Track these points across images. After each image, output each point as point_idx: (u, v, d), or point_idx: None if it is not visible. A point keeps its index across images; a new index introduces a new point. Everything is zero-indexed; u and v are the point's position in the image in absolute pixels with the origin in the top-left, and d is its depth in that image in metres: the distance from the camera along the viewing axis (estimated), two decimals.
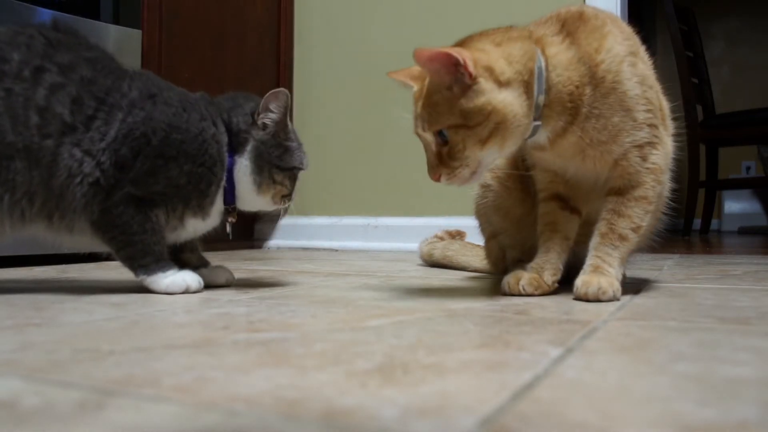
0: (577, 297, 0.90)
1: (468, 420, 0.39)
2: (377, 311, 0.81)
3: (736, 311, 0.81)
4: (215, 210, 1.04)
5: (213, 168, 1.00)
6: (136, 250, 0.96)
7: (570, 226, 1.01)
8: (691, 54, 3.53)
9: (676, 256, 1.90)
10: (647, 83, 0.94)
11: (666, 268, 1.46)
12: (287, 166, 1.04)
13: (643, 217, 0.94)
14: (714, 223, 4.79)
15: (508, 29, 0.93)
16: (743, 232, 4.31)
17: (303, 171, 1.09)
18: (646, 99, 0.92)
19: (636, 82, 0.91)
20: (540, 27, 0.94)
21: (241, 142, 1.02)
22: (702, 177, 3.54)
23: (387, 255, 1.99)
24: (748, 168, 4.96)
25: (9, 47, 0.91)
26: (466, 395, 0.44)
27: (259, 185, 1.03)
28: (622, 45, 0.92)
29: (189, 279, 0.98)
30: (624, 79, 0.91)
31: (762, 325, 0.71)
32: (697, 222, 3.81)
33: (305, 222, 2.38)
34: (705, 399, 0.43)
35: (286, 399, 0.43)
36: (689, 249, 2.31)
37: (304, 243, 2.37)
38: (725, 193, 4.93)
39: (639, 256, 1.49)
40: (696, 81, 3.51)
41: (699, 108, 3.49)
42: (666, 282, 1.15)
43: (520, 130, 0.87)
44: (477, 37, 0.92)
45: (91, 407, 0.41)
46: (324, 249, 2.28)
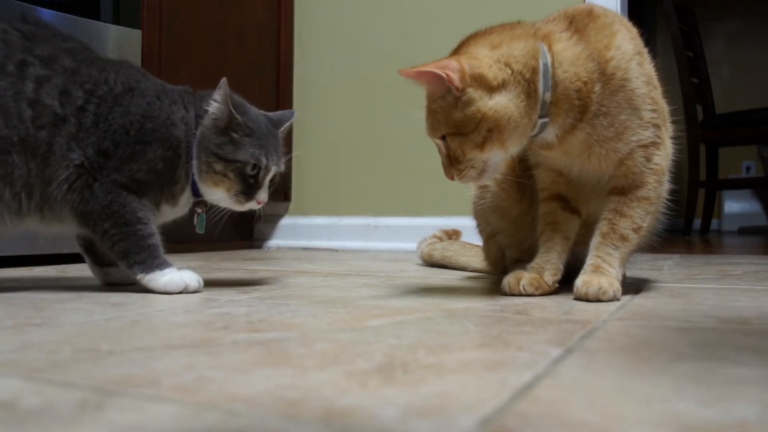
0: (578, 297, 0.90)
1: (468, 420, 0.39)
2: (377, 311, 0.81)
3: (736, 311, 0.81)
4: (184, 199, 1.04)
5: (178, 149, 1.00)
6: (130, 244, 0.96)
7: (570, 226, 1.01)
8: (691, 54, 3.53)
9: (676, 256, 1.90)
10: (652, 83, 0.94)
11: (666, 268, 1.46)
12: (228, 157, 1.00)
13: (644, 218, 0.95)
14: (714, 223, 4.79)
15: (513, 26, 0.93)
16: (743, 232, 4.31)
17: (265, 171, 1.03)
18: (651, 99, 0.93)
19: (643, 81, 0.92)
20: (548, 24, 0.94)
21: (198, 127, 1.03)
22: (702, 177, 3.54)
23: (387, 255, 1.99)
24: (748, 168, 4.96)
25: None
26: (466, 395, 0.44)
27: (200, 172, 1.01)
28: (630, 43, 0.93)
29: (188, 278, 0.98)
30: (632, 77, 0.91)
31: (762, 325, 0.71)
32: (697, 222, 3.81)
33: (305, 222, 2.38)
34: (705, 399, 0.43)
35: (286, 399, 0.43)
36: (689, 249, 2.31)
37: (304, 243, 2.37)
38: (725, 193, 4.93)
39: (639, 256, 1.49)
40: (696, 81, 3.51)
41: (699, 108, 3.49)
42: (666, 282, 1.15)
43: (518, 130, 0.87)
44: (475, 39, 0.92)
45: (91, 407, 0.41)
46: (324, 249, 2.28)
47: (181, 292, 0.97)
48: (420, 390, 0.45)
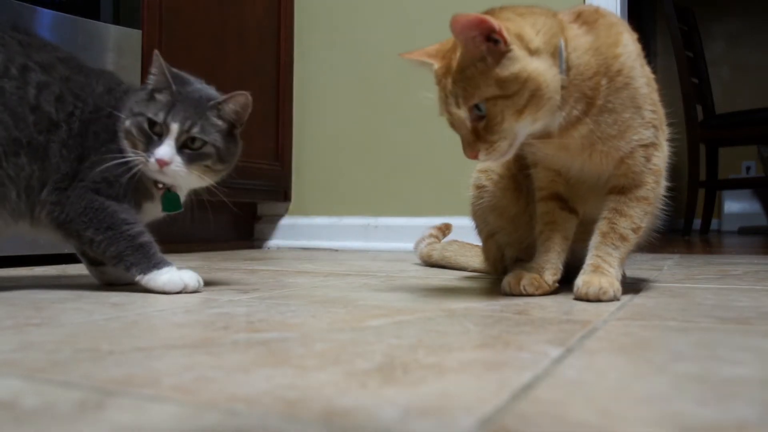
0: (578, 297, 0.90)
1: (468, 420, 0.39)
2: (377, 311, 0.81)
3: (736, 311, 0.81)
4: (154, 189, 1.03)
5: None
6: (121, 247, 0.96)
7: (569, 225, 1.01)
8: (691, 54, 3.53)
9: (676, 256, 1.90)
10: (651, 85, 0.96)
11: (666, 268, 1.46)
12: (134, 110, 0.98)
13: (643, 218, 0.95)
14: (714, 223, 4.79)
15: (530, 6, 0.92)
16: (743, 232, 4.31)
17: (164, 127, 0.96)
18: (651, 99, 0.94)
19: (644, 81, 0.93)
20: (557, 14, 0.94)
21: None
22: (702, 177, 3.54)
23: (387, 255, 1.99)
24: (748, 168, 4.96)
25: None
26: (466, 395, 0.44)
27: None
28: (634, 45, 0.94)
29: (187, 278, 0.98)
30: (637, 76, 0.91)
31: (762, 325, 0.71)
32: (697, 222, 3.81)
33: (305, 222, 2.38)
34: (705, 399, 0.43)
35: (286, 399, 0.43)
36: (689, 249, 2.31)
37: (304, 243, 2.37)
38: (725, 193, 4.93)
39: (639, 256, 1.49)
40: (696, 81, 3.51)
41: (699, 108, 3.49)
42: (666, 282, 1.15)
43: (552, 102, 0.86)
44: (499, 10, 0.90)
45: (91, 407, 0.41)
46: (324, 249, 2.28)
47: (180, 291, 0.96)
48: (420, 390, 0.45)
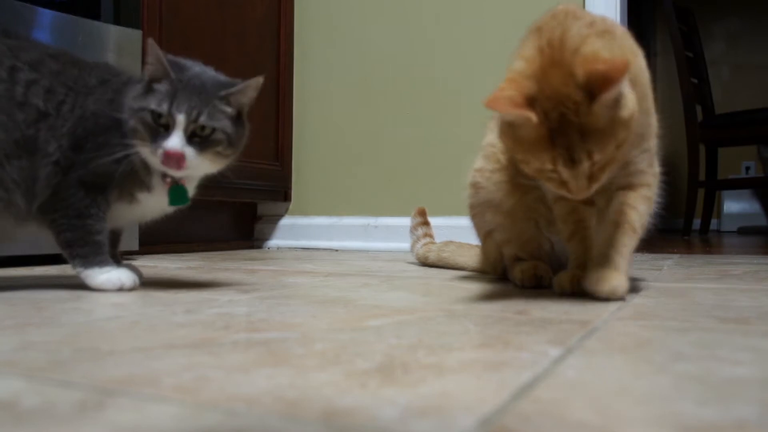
0: (590, 290, 0.90)
1: (468, 420, 0.39)
2: (377, 311, 0.81)
3: (736, 311, 0.81)
4: (157, 180, 1.01)
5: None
6: (76, 236, 0.97)
7: (592, 218, 1.01)
8: (691, 54, 3.53)
9: (676, 256, 1.90)
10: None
11: (666, 268, 1.46)
12: (135, 106, 0.95)
13: (646, 216, 0.97)
14: (714, 223, 4.79)
15: (590, 21, 0.86)
16: (743, 232, 4.31)
17: (170, 118, 0.93)
18: (653, 109, 0.97)
19: (650, 90, 0.95)
20: (576, 22, 0.88)
21: None
22: (702, 177, 3.54)
23: (387, 255, 1.99)
24: (747, 168, 4.96)
25: None
26: (466, 395, 0.44)
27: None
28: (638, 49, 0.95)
29: (124, 277, 0.99)
30: (648, 84, 0.93)
31: (762, 325, 0.71)
32: (697, 222, 3.81)
33: (305, 222, 2.38)
34: (705, 399, 0.43)
35: (286, 399, 0.43)
36: (689, 249, 2.31)
37: (304, 243, 2.37)
38: (725, 193, 4.93)
39: (639, 255, 1.48)
40: (696, 81, 3.51)
41: (699, 108, 3.49)
42: (666, 282, 1.15)
43: (648, 132, 0.90)
44: (580, 36, 0.82)
45: (91, 407, 0.41)
46: (324, 249, 2.28)
47: (118, 290, 0.98)
48: (420, 390, 0.45)
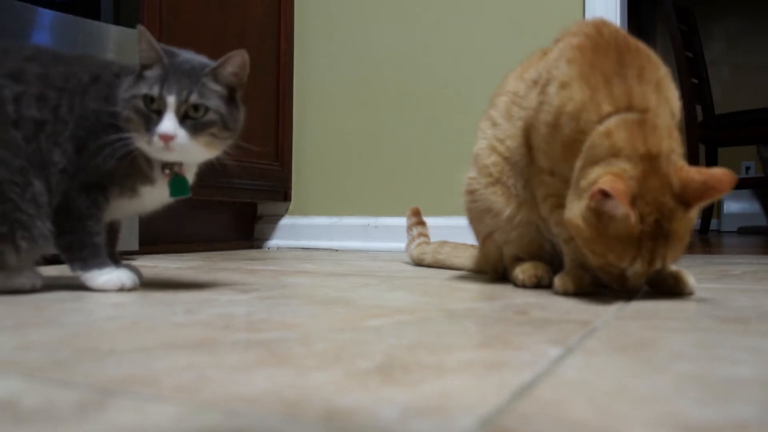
0: (672, 291, 0.95)
1: (468, 420, 0.39)
2: (377, 311, 0.81)
3: (736, 311, 0.81)
4: (158, 172, 1.00)
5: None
6: (75, 239, 0.96)
7: None
8: (691, 54, 3.53)
9: None
10: None
11: None
12: (127, 95, 0.94)
13: None
14: (713, 223, 4.80)
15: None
16: (743, 232, 4.31)
17: (161, 101, 0.93)
18: None
19: None
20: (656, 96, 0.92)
21: None
22: None
23: (386, 255, 1.99)
24: (747, 168, 4.96)
25: None
26: (466, 395, 0.44)
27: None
28: None
29: (124, 278, 0.99)
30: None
31: (762, 325, 0.71)
32: (697, 222, 3.81)
33: (305, 222, 2.38)
34: (705, 399, 0.43)
35: (286, 399, 0.43)
36: (689, 249, 2.31)
37: (304, 243, 2.37)
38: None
39: None
40: (696, 81, 3.51)
41: (699, 108, 3.49)
42: None
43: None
44: (662, 129, 0.88)
45: (91, 407, 0.41)
46: (324, 249, 2.28)
47: (119, 290, 0.98)
48: (420, 390, 0.45)
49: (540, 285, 1.06)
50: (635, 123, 0.86)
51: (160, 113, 0.93)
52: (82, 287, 0.98)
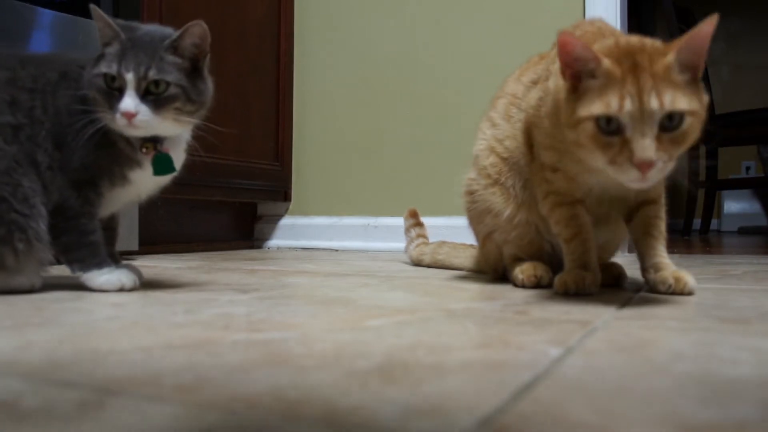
0: (675, 291, 0.95)
1: (468, 420, 0.39)
2: (377, 311, 0.81)
3: (736, 311, 0.81)
4: (140, 153, 0.98)
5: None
6: (72, 239, 0.96)
7: (590, 225, 1.02)
8: None
9: (675, 256, 1.90)
10: None
11: None
12: (90, 75, 0.94)
13: None
14: (714, 223, 4.79)
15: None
16: (743, 232, 4.31)
17: (120, 79, 0.93)
18: None
19: None
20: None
21: None
22: (702, 177, 3.54)
23: (386, 255, 1.98)
24: (748, 168, 4.96)
25: None
26: (466, 395, 0.44)
27: None
28: None
29: (124, 278, 0.99)
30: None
31: (762, 325, 0.71)
32: (697, 222, 3.81)
33: (305, 222, 2.38)
34: (705, 399, 0.43)
35: (286, 399, 0.43)
36: (689, 249, 2.31)
37: (304, 243, 2.37)
38: (725, 193, 4.93)
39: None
40: None
41: None
42: None
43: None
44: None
45: (91, 407, 0.41)
46: (324, 249, 2.28)
47: (119, 290, 0.97)
48: (420, 390, 0.45)
49: (540, 285, 1.06)
50: None
51: (121, 91, 0.93)
52: (81, 287, 0.98)
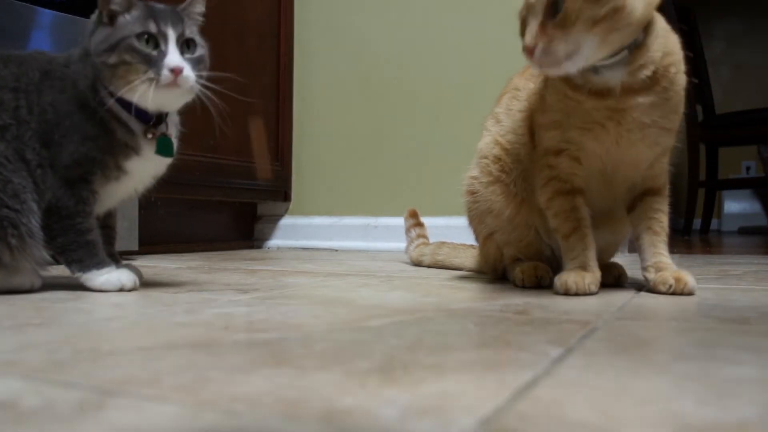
0: (674, 291, 0.94)
1: (468, 420, 0.39)
2: (377, 311, 0.81)
3: (736, 311, 0.81)
4: (143, 141, 0.98)
5: (87, 101, 0.96)
6: (68, 239, 0.95)
7: (589, 219, 1.01)
8: (691, 54, 3.53)
9: (676, 256, 1.89)
10: None
11: None
12: (113, 40, 0.92)
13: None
14: (714, 223, 4.80)
15: None
16: (743, 232, 4.31)
17: (162, 36, 0.92)
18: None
19: None
20: None
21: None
22: (702, 177, 3.54)
23: (386, 255, 1.99)
24: (748, 168, 4.96)
25: None
26: (466, 395, 0.44)
27: (109, 83, 0.94)
28: None
29: (124, 278, 0.98)
30: (683, 86, 0.94)
31: (762, 325, 0.71)
32: (697, 222, 3.81)
33: (305, 222, 2.38)
34: (705, 399, 0.43)
35: (286, 399, 0.43)
36: (689, 249, 2.31)
37: (304, 243, 2.37)
38: (725, 193, 4.93)
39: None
40: (696, 81, 3.51)
41: (699, 108, 3.49)
42: None
43: (628, 30, 0.85)
44: None
45: (91, 407, 0.41)
46: (324, 249, 2.28)
47: (119, 290, 0.97)
48: (420, 390, 0.45)
49: (540, 285, 1.06)
50: None
51: (159, 50, 0.91)
52: (82, 287, 0.98)
